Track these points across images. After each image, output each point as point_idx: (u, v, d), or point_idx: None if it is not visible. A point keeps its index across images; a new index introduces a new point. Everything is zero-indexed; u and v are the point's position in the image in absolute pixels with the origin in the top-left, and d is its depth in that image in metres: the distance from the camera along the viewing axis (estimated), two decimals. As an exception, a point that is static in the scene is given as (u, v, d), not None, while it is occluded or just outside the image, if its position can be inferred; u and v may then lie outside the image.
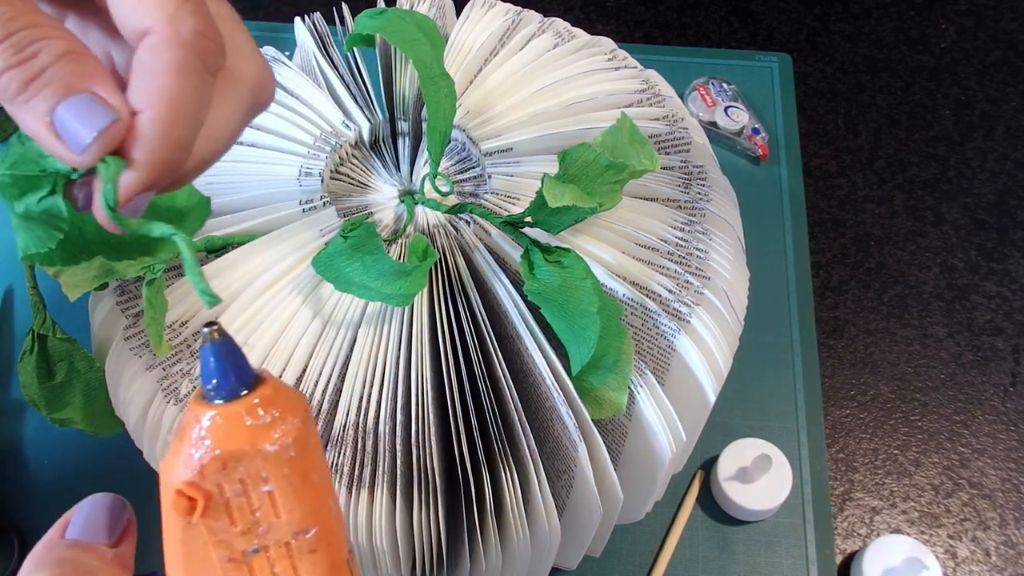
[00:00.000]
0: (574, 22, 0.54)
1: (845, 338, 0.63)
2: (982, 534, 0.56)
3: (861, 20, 0.80)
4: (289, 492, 0.24)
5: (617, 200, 0.41)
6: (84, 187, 0.26)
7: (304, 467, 0.24)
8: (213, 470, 0.23)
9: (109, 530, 0.26)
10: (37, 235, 0.29)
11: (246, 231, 0.43)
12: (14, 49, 0.23)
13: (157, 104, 0.24)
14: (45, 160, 0.26)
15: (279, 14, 0.80)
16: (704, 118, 0.71)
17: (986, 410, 0.60)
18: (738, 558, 0.54)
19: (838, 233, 0.68)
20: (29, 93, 0.24)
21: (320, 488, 0.25)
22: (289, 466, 0.24)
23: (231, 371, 0.24)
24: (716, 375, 0.43)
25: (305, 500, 0.24)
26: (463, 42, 0.51)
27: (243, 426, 0.24)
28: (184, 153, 0.25)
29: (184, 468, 0.23)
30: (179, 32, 0.25)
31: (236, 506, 0.24)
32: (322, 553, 0.25)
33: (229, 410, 0.24)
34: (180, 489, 0.23)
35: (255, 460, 0.24)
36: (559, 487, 0.42)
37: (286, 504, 0.24)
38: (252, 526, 0.24)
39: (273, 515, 0.24)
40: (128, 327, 0.42)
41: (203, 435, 0.23)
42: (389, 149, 0.49)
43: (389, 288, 0.39)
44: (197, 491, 0.24)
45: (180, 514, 0.24)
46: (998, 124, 0.74)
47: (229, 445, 0.23)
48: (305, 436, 0.24)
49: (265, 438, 0.24)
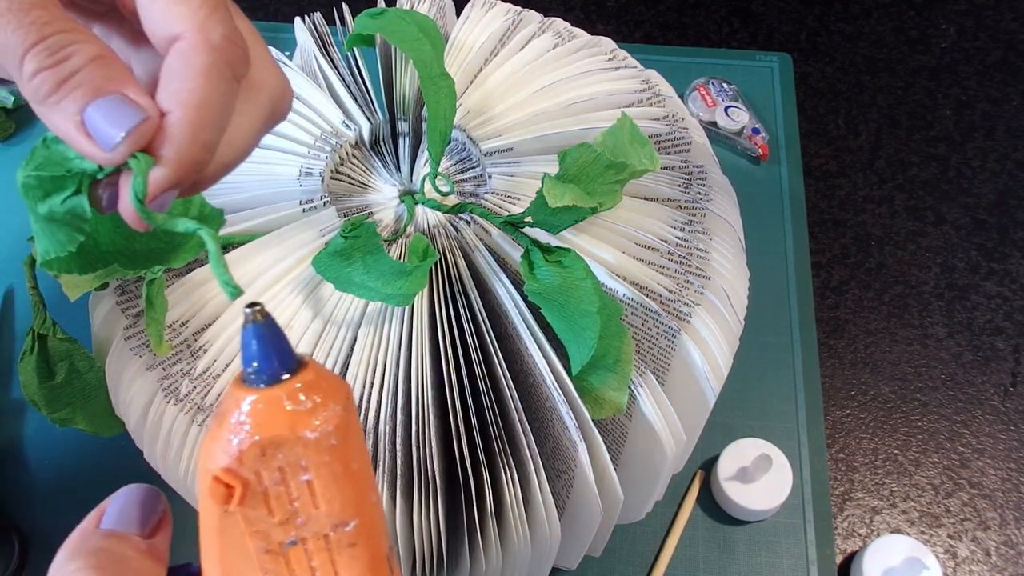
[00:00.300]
0: (574, 22, 0.54)
1: (845, 338, 0.63)
2: (982, 534, 0.56)
3: (861, 20, 0.80)
4: (329, 482, 0.23)
5: (617, 200, 0.41)
6: (109, 187, 0.27)
7: (345, 456, 0.24)
8: (252, 456, 0.23)
9: (143, 521, 0.26)
10: (58, 238, 0.29)
11: (246, 231, 0.43)
12: (48, 51, 0.24)
13: (187, 106, 0.25)
14: (71, 162, 0.27)
15: (279, 14, 0.80)
16: (704, 118, 0.71)
17: (986, 410, 0.60)
18: (738, 558, 0.54)
19: (838, 233, 0.68)
20: (60, 94, 0.24)
21: (361, 479, 0.24)
22: (330, 454, 0.23)
23: (273, 354, 0.23)
24: (716, 375, 0.43)
25: (345, 491, 0.24)
26: (463, 42, 0.51)
27: (283, 411, 0.23)
28: (209, 154, 0.26)
29: (222, 454, 0.23)
30: (209, 38, 0.26)
31: (274, 495, 0.23)
32: (362, 547, 0.24)
33: (270, 395, 0.23)
34: (217, 476, 0.23)
35: (295, 447, 0.23)
36: (559, 487, 0.42)
37: (326, 494, 0.23)
38: (290, 516, 0.24)
39: (312, 506, 0.24)
40: (128, 327, 0.42)
41: (242, 420, 0.23)
42: (389, 149, 0.49)
43: (389, 288, 0.39)
44: (235, 478, 0.23)
45: (217, 502, 0.23)
46: (998, 124, 0.74)
47: (269, 431, 0.23)
48: (347, 424, 0.24)
49: (306, 424, 0.23)
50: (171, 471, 0.42)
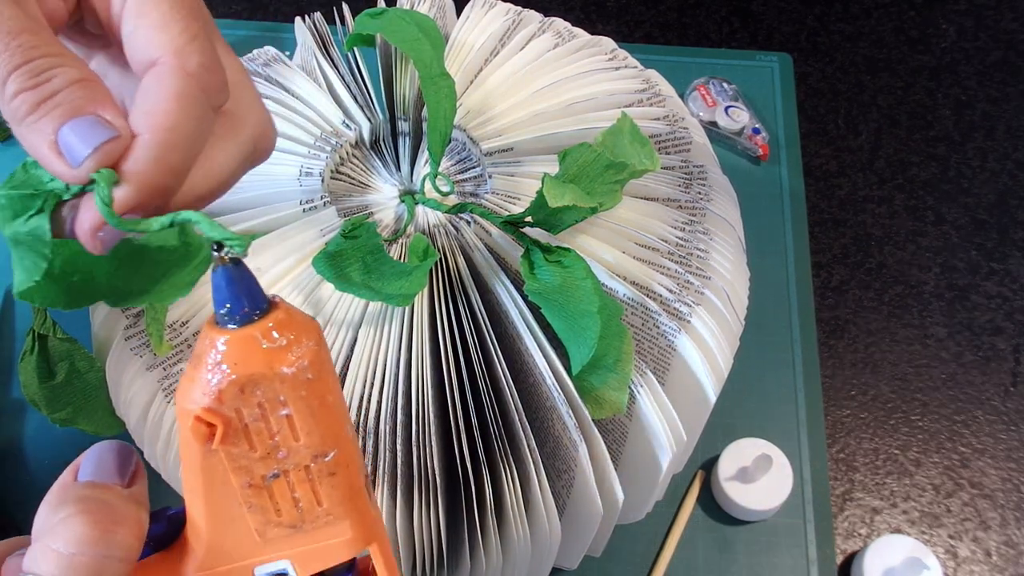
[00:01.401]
0: (574, 22, 0.54)
1: (846, 338, 0.63)
2: (983, 534, 0.56)
3: (861, 20, 0.80)
4: (307, 415, 0.24)
5: (617, 200, 0.41)
6: (73, 209, 0.26)
7: (321, 390, 0.24)
8: (231, 395, 0.23)
9: (120, 471, 0.27)
10: (25, 264, 0.29)
11: (246, 231, 0.43)
12: (30, 74, 0.25)
13: (156, 128, 0.25)
14: (43, 184, 0.27)
15: (279, 14, 0.80)
16: (704, 118, 0.71)
17: (987, 410, 0.60)
18: (738, 558, 0.54)
19: (838, 233, 0.68)
20: (38, 114, 0.25)
21: (337, 411, 0.25)
22: (307, 389, 0.24)
23: (244, 295, 0.24)
24: (716, 375, 0.43)
25: (323, 423, 0.24)
26: (463, 42, 0.51)
27: (259, 349, 0.23)
28: (176, 179, 0.26)
29: (202, 394, 0.23)
30: (185, 64, 0.26)
31: (255, 431, 0.24)
32: (341, 476, 0.25)
33: (244, 334, 0.24)
34: (199, 415, 0.23)
35: (273, 383, 0.23)
36: (559, 487, 0.42)
37: (304, 427, 0.24)
38: (272, 450, 0.24)
39: (292, 439, 0.24)
40: (128, 327, 0.42)
41: (219, 360, 0.23)
42: (389, 149, 0.49)
43: (389, 288, 0.39)
44: (216, 416, 0.23)
45: (200, 441, 0.24)
46: (999, 124, 0.74)
47: (246, 369, 0.23)
48: (321, 359, 0.24)
49: (282, 361, 0.23)
50: (171, 471, 0.42)
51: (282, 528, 0.25)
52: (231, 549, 0.26)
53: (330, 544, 0.26)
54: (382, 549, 0.27)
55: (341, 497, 0.25)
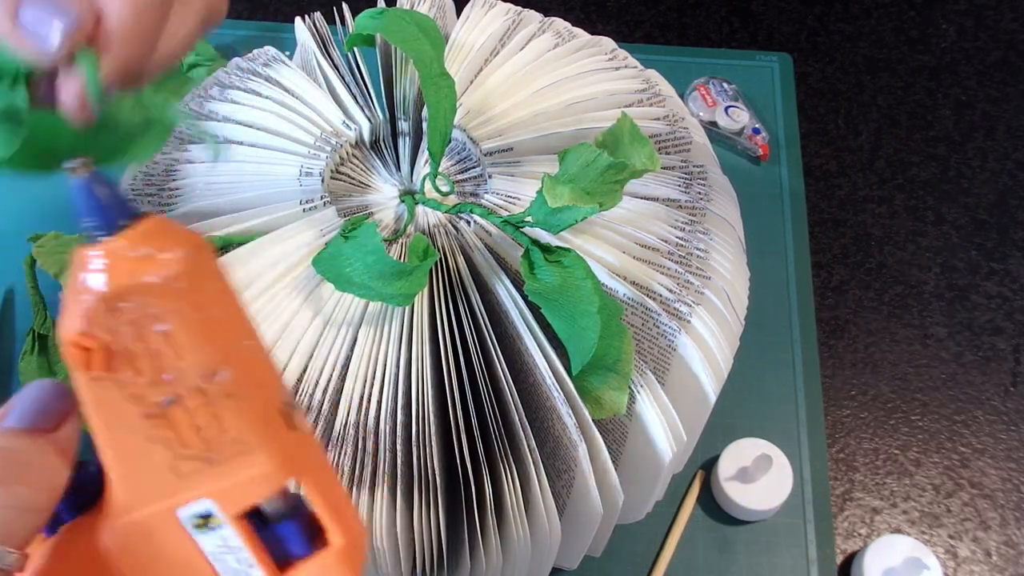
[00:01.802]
0: (574, 22, 0.54)
1: (846, 338, 0.63)
2: (983, 534, 0.56)
3: (861, 20, 0.80)
4: (184, 329, 0.22)
5: (617, 200, 0.41)
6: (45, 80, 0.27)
7: (199, 301, 0.22)
8: (100, 313, 0.22)
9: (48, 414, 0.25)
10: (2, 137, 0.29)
11: (246, 231, 0.43)
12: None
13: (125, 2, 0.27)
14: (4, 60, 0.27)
15: (279, 14, 0.80)
16: (704, 118, 0.71)
17: (987, 410, 0.60)
18: (738, 558, 0.54)
19: (838, 233, 0.68)
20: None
21: (226, 325, 0.23)
22: (181, 300, 0.22)
23: (104, 205, 0.22)
24: (716, 375, 0.43)
25: (207, 337, 0.23)
26: (463, 42, 0.51)
27: (124, 260, 0.22)
28: (149, 48, 0.28)
29: (75, 318, 0.22)
30: None
31: (138, 353, 0.22)
32: (244, 399, 0.23)
33: (110, 246, 0.22)
34: (73, 339, 0.22)
35: (141, 296, 0.22)
36: (559, 487, 0.42)
37: (186, 343, 0.22)
38: (157, 373, 0.22)
39: (175, 357, 0.22)
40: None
41: (86, 278, 0.22)
42: (389, 149, 0.49)
43: (390, 288, 0.39)
44: (90, 339, 0.22)
45: (80, 368, 0.22)
46: (999, 124, 0.74)
47: (111, 282, 0.22)
48: (197, 267, 0.23)
49: (145, 269, 0.22)
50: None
51: (195, 462, 0.23)
52: (147, 489, 0.24)
53: (246, 477, 0.23)
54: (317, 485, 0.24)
55: (249, 424, 0.23)
